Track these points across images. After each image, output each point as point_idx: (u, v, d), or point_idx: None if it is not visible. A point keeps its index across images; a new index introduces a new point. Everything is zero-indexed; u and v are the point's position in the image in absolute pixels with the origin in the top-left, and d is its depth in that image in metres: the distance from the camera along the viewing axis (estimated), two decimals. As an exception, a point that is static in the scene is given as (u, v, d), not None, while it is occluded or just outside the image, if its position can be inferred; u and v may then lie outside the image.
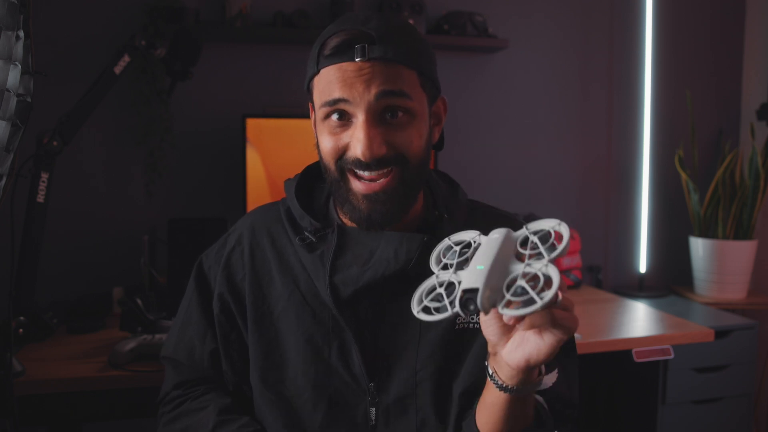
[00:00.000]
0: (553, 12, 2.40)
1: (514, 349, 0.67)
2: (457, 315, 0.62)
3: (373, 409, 0.86)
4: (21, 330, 1.51)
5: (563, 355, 0.90)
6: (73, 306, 1.80)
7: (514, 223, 0.93)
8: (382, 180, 0.82)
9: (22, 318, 1.51)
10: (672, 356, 1.75)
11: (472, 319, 0.87)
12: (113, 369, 1.39)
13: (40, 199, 1.55)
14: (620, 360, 1.90)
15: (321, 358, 0.87)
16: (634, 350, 1.70)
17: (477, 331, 0.87)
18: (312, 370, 0.87)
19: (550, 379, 0.84)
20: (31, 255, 1.56)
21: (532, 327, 0.64)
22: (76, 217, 2.02)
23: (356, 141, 0.80)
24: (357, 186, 0.83)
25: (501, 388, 0.71)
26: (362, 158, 0.79)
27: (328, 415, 0.87)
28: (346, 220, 0.91)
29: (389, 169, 0.82)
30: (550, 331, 0.63)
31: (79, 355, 1.48)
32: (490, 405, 0.75)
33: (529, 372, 0.69)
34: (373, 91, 0.78)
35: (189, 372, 0.96)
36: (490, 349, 0.71)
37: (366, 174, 0.82)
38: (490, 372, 0.72)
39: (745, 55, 2.61)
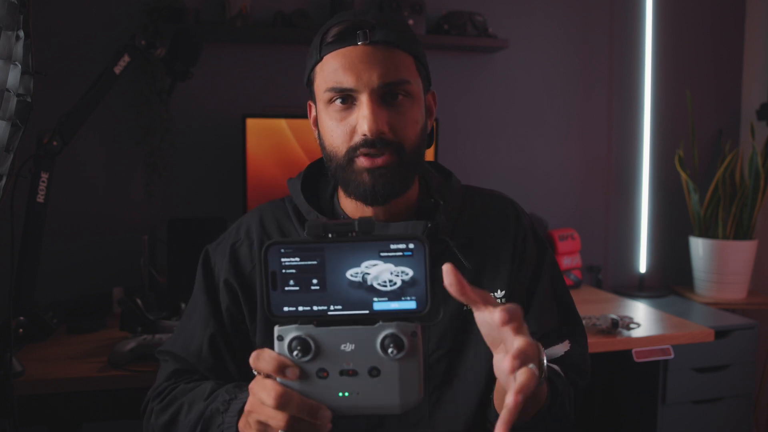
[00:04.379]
0: (553, 12, 2.40)
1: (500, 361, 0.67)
2: None
3: None
4: (21, 330, 1.50)
5: (571, 324, 0.97)
6: (73, 306, 1.80)
7: (505, 201, 1.00)
8: (384, 156, 0.85)
9: (22, 318, 1.50)
10: (672, 356, 1.75)
11: None
12: (113, 369, 1.39)
13: (40, 199, 1.55)
14: (620, 360, 1.90)
15: None
16: (634, 350, 1.70)
17: None
18: None
19: (562, 348, 0.90)
20: (31, 255, 1.56)
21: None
22: (76, 217, 2.02)
23: (362, 119, 0.83)
24: (362, 162, 0.85)
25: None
26: (368, 133, 0.82)
27: None
28: (351, 212, 0.93)
29: (389, 151, 0.85)
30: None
31: (79, 355, 1.49)
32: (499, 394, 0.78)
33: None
34: (376, 73, 0.82)
35: (185, 362, 0.93)
36: None
37: (370, 155, 0.85)
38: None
39: (745, 55, 2.61)
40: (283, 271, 0.60)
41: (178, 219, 1.86)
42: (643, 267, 2.50)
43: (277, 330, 0.61)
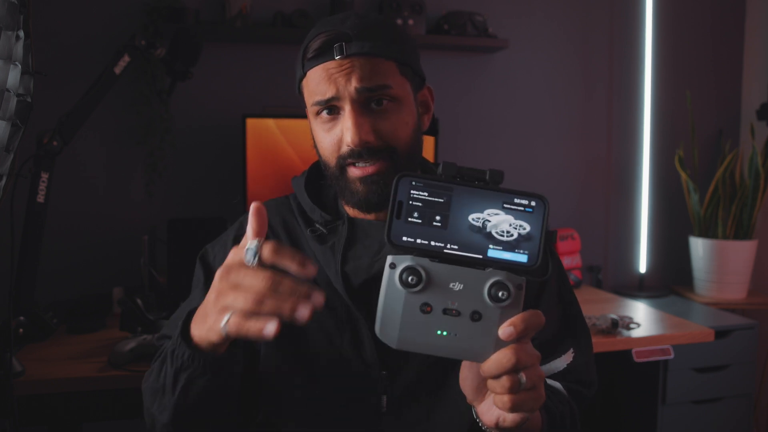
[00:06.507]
0: (553, 12, 2.40)
1: (487, 410, 0.67)
2: None
3: (385, 396, 0.87)
4: (21, 330, 1.50)
5: (577, 335, 0.95)
6: (73, 306, 1.80)
7: None
8: (375, 165, 0.86)
9: (22, 318, 1.50)
10: (672, 356, 1.75)
11: None
12: (113, 369, 1.39)
13: (40, 199, 1.55)
14: (620, 360, 1.90)
15: (333, 347, 0.88)
16: (634, 350, 1.70)
17: None
18: (324, 359, 0.88)
19: (564, 361, 0.90)
20: (31, 255, 1.56)
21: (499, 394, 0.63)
22: (76, 217, 2.02)
23: (345, 130, 0.84)
24: (354, 172, 0.86)
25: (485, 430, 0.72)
26: (352, 144, 0.83)
27: (339, 403, 0.87)
28: (354, 213, 0.93)
29: (380, 158, 0.85)
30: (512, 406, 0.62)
31: (79, 355, 1.49)
32: None
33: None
34: (354, 82, 0.83)
35: None
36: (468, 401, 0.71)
37: (360, 164, 0.86)
38: (475, 415, 0.72)
39: (745, 55, 2.61)
40: (411, 202, 0.62)
41: (178, 219, 1.86)
42: (643, 267, 2.50)
43: (390, 258, 0.62)
